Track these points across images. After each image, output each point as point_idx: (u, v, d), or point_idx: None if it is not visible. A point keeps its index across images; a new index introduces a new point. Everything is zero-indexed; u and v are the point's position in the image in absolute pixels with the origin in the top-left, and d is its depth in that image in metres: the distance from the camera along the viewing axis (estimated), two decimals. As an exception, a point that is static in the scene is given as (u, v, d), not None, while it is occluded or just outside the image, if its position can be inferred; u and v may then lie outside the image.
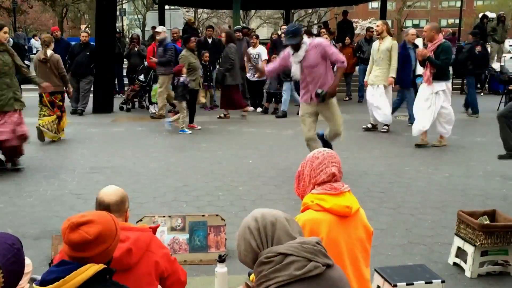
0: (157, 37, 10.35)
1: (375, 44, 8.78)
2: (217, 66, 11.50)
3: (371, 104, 8.74)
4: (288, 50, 5.78)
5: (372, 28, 12.23)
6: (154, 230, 2.44)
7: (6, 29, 6.26)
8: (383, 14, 16.62)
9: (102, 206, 2.31)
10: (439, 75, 7.29)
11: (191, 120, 9.33)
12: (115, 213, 2.23)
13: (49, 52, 7.96)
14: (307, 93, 5.84)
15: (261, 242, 1.77)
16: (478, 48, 10.86)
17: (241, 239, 1.81)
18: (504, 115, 5.59)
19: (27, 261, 2.87)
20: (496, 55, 15.83)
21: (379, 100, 8.57)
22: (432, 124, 7.50)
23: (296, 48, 5.65)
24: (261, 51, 11.09)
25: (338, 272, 1.80)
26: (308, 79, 5.76)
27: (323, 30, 13.34)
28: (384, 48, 8.49)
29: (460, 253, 3.77)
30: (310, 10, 37.94)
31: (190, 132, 8.86)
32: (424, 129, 7.49)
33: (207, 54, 11.21)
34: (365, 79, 9.01)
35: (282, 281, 1.68)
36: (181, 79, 8.70)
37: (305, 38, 5.82)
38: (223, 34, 11.83)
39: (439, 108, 7.37)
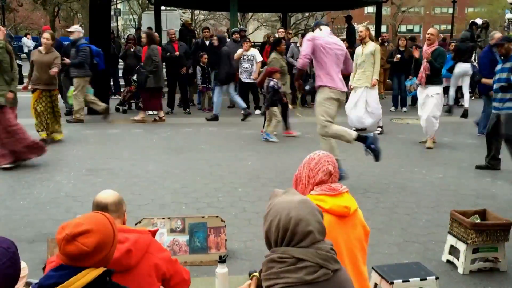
0: (71, 37, 10.08)
1: (358, 49, 8.86)
2: (210, 69, 11.54)
3: (356, 108, 8.76)
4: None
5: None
6: (153, 233, 2.41)
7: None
8: (378, 19, 16.73)
9: (99, 207, 2.26)
10: (434, 79, 7.56)
11: (287, 127, 8.91)
12: (113, 214, 2.21)
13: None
14: None
15: (279, 241, 1.80)
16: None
17: (268, 224, 1.83)
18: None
19: (23, 264, 2.84)
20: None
21: (358, 103, 8.68)
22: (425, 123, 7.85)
23: None
24: (255, 53, 11.13)
25: (344, 275, 1.85)
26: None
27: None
28: (367, 52, 8.61)
29: (453, 250, 3.87)
30: (307, 14, 38.00)
31: (276, 140, 8.32)
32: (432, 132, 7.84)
33: (205, 56, 11.26)
34: (350, 83, 9.05)
35: (291, 282, 1.72)
36: (271, 83, 8.29)
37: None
38: (143, 35, 11.73)
39: (429, 112, 7.63)
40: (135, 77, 11.22)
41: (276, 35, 13.04)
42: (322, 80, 5.51)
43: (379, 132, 9.03)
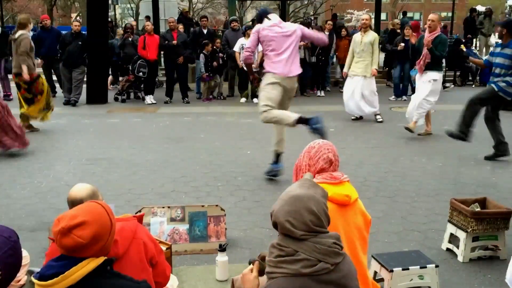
0: None
1: (357, 37, 8.83)
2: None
3: (347, 94, 8.82)
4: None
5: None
6: (139, 218, 2.39)
7: None
8: (378, 6, 16.58)
9: (75, 203, 2.19)
10: (434, 65, 7.42)
11: None
12: None
13: (19, 33, 7.69)
14: None
15: (275, 229, 1.85)
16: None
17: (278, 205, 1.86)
18: (474, 101, 6.24)
19: (24, 253, 2.86)
20: (484, 48, 16.01)
21: (364, 90, 8.69)
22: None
23: None
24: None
25: (348, 266, 1.85)
26: None
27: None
28: (367, 41, 8.62)
29: (453, 239, 3.88)
30: (306, 2, 37.79)
31: None
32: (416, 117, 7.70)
33: (210, 44, 11.23)
34: (344, 70, 9.03)
35: (288, 273, 1.74)
36: None
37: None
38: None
39: (424, 95, 7.51)
40: (130, 66, 11.24)
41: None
42: (266, 67, 5.48)
43: (381, 120, 9.02)
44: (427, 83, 7.50)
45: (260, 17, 5.57)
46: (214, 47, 11.53)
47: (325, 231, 1.84)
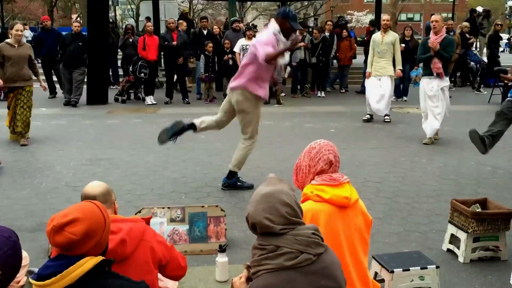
0: None
1: (377, 36, 8.83)
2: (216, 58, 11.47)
3: (375, 95, 8.72)
4: (278, 36, 4.90)
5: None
6: (147, 221, 2.42)
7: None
8: (378, 7, 16.59)
9: (88, 199, 2.23)
10: (444, 69, 7.04)
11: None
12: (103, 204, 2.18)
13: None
14: (266, 88, 5.13)
15: (253, 231, 1.88)
16: None
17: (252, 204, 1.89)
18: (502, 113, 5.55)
19: (24, 254, 2.84)
20: (484, 49, 15.97)
21: (385, 90, 8.64)
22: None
23: (288, 37, 4.92)
24: (256, 43, 11.09)
25: (331, 257, 1.88)
26: (272, 73, 5.14)
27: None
28: (388, 41, 8.67)
29: (454, 239, 3.86)
30: (306, 3, 37.82)
31: None
32: (437, 128, 7.33)
33: (210, 45, 11.21)
34: (368, 70, 8.95)
35: (272, 268, 1.77)
36: None
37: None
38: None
39: (448, 104, 7.19)
40: (130, 67, 11.23)
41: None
42: None
43: (388, 120, 9.01)
44: (442, 91, 7.09)
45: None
46: (225, 48, 11.51)
47: (302, 222, 1.88)
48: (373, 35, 9.20)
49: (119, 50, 13.40)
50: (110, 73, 13.42)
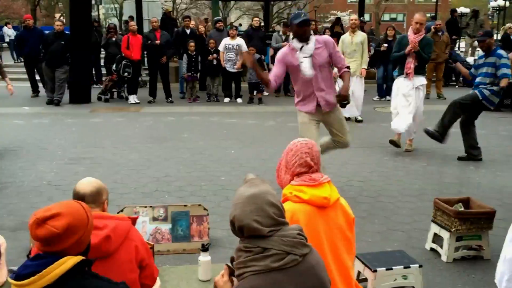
0: None
1: (346, 38, 8.87)
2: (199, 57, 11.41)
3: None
4: (292, 45, 4.61)
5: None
6: (133, 221, 2.40)
7: None
8: (361, 7, 16.67)
9: (76, 197, 2.26)
10: (420, 69, 6.90)
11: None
12: (91, 204, 2.18)
13: None
14: (312, 101, 4.73)
15: (239, 234, 1.85)
16: None
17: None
18: (455, 105, 6.28)
19: (1, 240, 2.89)
20: (470, 50, 16.17)
21: (355, 91, 8.67)
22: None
23: (306, 39, 4.55)
24: (241, 43, 11.06)
25: (315, 257, 1.86)
26: (314, 83, 4.65)
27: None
28: (358, 41, 8.72)
29: (437, 238, 3.88)
30: (289, 2, 37.92)
31: None
32: (410, 123, 6.97)
33: (192, 44, 11.12)
34: (335, 71, 8.89)
35: (258, 270, 1.74)
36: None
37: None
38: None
39: (421, 105, 7.04)
40: (114, 66, 11.12)
41: (255, 24, 12.69)
42: None
43: (360, 119, 9.06)
44: (416, 90, 6.92)
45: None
46: (209, 48, 11.45)
47: (286, 222, 1.86)
48: (342, 36, 9.18)
49: (102, 49, 13.27)
50: (93, 72, 13.29)
